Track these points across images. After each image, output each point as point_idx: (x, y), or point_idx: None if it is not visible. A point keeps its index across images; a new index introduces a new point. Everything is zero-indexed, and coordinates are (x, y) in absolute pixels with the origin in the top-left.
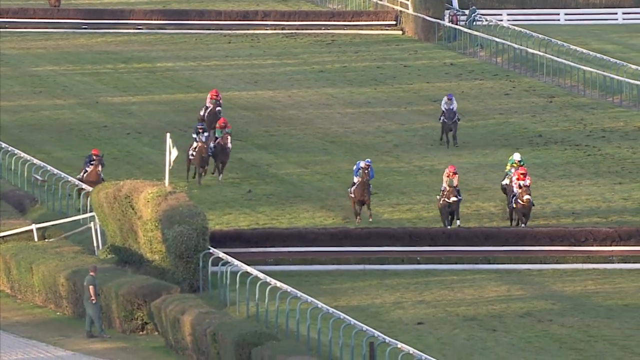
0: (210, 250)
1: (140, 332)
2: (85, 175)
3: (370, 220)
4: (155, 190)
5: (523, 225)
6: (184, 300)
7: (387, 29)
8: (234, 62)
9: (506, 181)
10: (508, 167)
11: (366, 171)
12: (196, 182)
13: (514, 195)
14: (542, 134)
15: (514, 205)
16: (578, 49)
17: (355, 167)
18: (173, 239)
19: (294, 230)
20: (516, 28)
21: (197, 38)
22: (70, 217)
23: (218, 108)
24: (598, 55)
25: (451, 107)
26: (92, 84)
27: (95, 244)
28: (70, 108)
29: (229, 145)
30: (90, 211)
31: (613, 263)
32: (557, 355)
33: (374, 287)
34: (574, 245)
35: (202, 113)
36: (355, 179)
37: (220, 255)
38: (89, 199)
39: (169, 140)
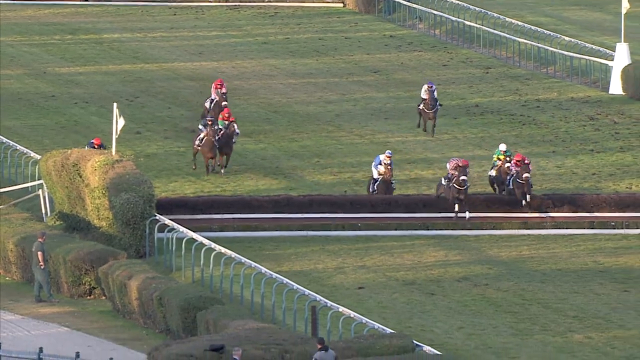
0: (157, 217)
1: (88, 297)
2: None
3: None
4: (103, 159)
5: (525, 202)
6: (131, 265)
7: (328, 2)
8: (178, 33)
9: (492, 172)
10: (495, 158)
11: (389, 167)
12: (205, 172)
13: (512, 176)
14: (478, 104)
15: (512, 186)
16: (513, 21)
17: (375, 160)
18: (120, 206)
19: (238, 197)
20: (454, 1)
21: (142, 10)
22: (19, 184)
23: (224, 102)
24: (533, 27)
25: (433, 96)
26: (40, 54)
27: (43, 211)
28: (18, 78)
29: (237, 131)
30: (39, 179)
31: (547, 229)
32: (493, 318)
33: (316, 253)
34: (510, 212)
35: (207, 105)
36: (375, 173)
37: (166, 222)
38: (37, 167)
39: (115, 110)
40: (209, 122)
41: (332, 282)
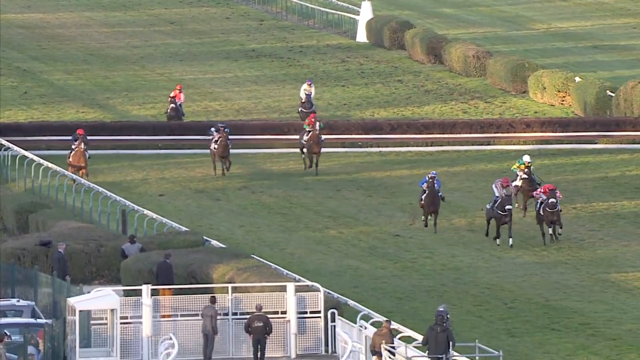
0: None
1: None
2: (71, 154)
3: (435, 232)
4: None
5: (558, 230)
6: None
7: None
8: None
9: (518, 183)
10: (516, 166)
11: (432, 183)
12: (223, 173)
13: (542, 203)
14: (255, 49)
15: (541, 212)
16: None
17: (423, 180)
18: None
19: (61, 123)
20: None
21: None
22: None
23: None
24: None
25: (309, 94)
26: None
27: None
28: None
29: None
30: None
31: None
32: (267, 218)
33: (125, 168)
34: (281, 134)
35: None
36: (425, 187)
37: (3, 142)
38: None
39: None
40: (221, 128)
41: (139, 190)
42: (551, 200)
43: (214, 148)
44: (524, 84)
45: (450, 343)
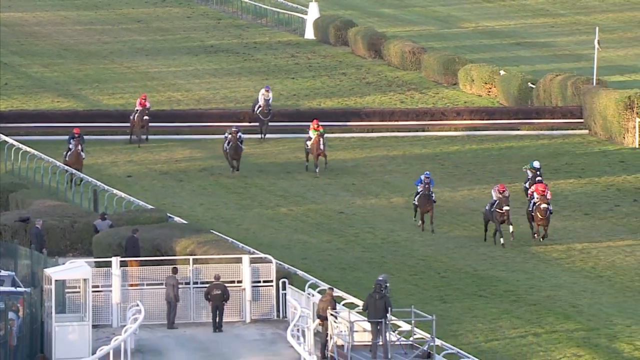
0: None
1: None
2: (68, 154)
3: (433, 232)
4: None
5: (543, 233)
6: None
7: None
8: None
9: (527, 185)
10: (527, 167)
11: (427, 185)
12: (232, 171)
13: (535, 203)
14: (213, 45)
15: (534, 211)
16: None
17: (418, 180)
18: None
19: (39, 111)
20: None
21: None
22: None
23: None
24: None
25: (267, 99)
26: None
27: None
28: None
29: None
30: None
31: (265, 134)
32: (224, 197)
33: (97, 152)
34: (237, 122)
35: (131, 116)
36: (420, 189)
37: None
38: None
39: None
40: (234, 131)
41: (108, 172)
42: (543, 205)
43: (226, 149)
44: (454, 76)
45: (388, 309)
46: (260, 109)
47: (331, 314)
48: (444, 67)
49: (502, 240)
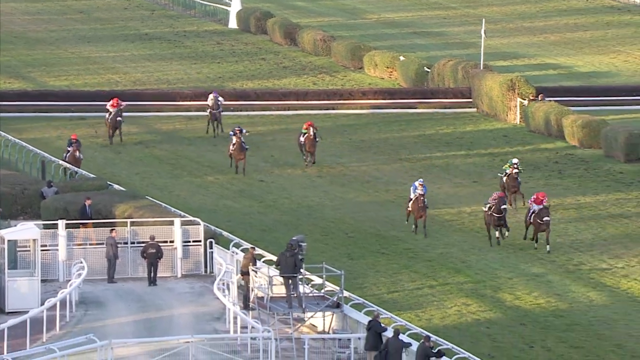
0: None
1: None
2: (67, 156)
3: (425, 236)
4: None
5: (546, 243)
6: None
7: None
8: None
9: (504, 179)
10: (506, 166)
11: (421, 194)
12: (236, 171)
13: (533, 212)
14: (147, 33)
15: (532, 221)
16: None
17: (412, 186)
18: None
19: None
20: None
21: None
22: None
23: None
24: None
25: (218, 101)
26: None
27: None
28: None
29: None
30: None
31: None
32: (158, 167)
33: (44, 127)
34: (169, 101)
35: (106, 116)
36: (412, 195)
37: None
38: None
39: None
40: (237, 130)
41: (55, 145)
42: (545, 218)
43: (232, 149)
44: (360, 61)
45: (297, 265)
46: (210, 108)
47: (252, 270)
48: (351, 54)
49: (497, 233)
